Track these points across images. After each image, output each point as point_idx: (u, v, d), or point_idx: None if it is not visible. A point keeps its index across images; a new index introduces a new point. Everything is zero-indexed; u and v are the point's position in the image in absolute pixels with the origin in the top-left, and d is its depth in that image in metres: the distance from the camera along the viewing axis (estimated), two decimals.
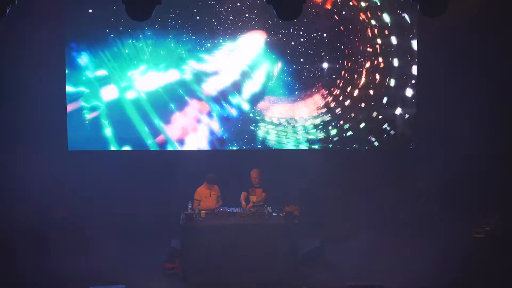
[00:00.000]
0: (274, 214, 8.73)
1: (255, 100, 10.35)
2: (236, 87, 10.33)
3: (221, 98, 10.32)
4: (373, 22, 10.14)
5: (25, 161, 9.44)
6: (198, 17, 10.02)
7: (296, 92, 10.32)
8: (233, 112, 10.35)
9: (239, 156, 10.24)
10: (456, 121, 9.91)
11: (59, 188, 9.81)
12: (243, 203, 8.93)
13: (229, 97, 10.32)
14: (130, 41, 9.98)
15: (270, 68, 10.27)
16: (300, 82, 10.28)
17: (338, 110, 10.37)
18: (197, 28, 10.05)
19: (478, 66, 9.70)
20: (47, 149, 9.76)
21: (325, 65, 10.26)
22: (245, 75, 10.29)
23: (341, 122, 10.38)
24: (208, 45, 10.12)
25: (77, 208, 9.80)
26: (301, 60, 10.22)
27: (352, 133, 10.38)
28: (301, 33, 10.13)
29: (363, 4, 10.07)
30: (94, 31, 9.92)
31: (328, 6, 10.05)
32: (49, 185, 9.72)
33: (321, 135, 10.39)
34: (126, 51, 10.02)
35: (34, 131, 9.80)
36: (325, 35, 10.17)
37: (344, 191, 9.99)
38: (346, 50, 10.21)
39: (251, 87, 10.34)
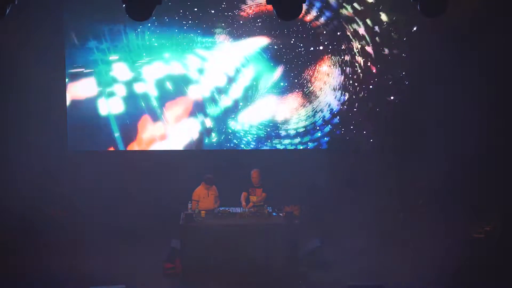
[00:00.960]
0: (274, 214, 8.74)
1: (249, 101, 10.39)
2: (232, 88, 10.37)
3: (217, 97, 10.35)
4: (369, 23, 10.22)
5: (25, 160, 9.46)
6: (205, 16, 10.12)
7: (290, 98, 10.38)
8: (227, 111, 10.41)
9: (239, 156, 10.24)
10: (456, 121, 9.91)
11: (59, 187, 9.82)
12: (243, 203, 8.93)
13: (224, 96, 10.37)
14: (138, 29, 10.04)
15: (267, 72, 10.32)
16: (294, 89, 10.38)
17: (334, 113, 10.44)
18: (202, 26, 10.13)
19: (478, 66, 9.69)
20: (47, 148, 9.77)
21: (322, 72, 10.33)
22: (242, 77, 10.35)
23: (339, 126, 10.46)
24: (212, 43, 10.20)
25: (77, 208, 9.80)
26: (299, 69, 10.32)
27: (349, 135, 10.45)
28: (301, 44, 10.25)
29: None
30: (99, 19, 9.98)
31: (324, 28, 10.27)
32: (48, 185, 9.73)
33: (314, 137, 10.48)
34: (133, 34, 10.08)
35: (34, 130, 9.80)
36: (321, 48, 10.26)
37: (344, 191, 9.98)
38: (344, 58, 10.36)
39: (246, 89, 10.39)
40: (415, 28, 10.12)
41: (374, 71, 10.34)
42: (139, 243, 9.47)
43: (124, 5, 6.43)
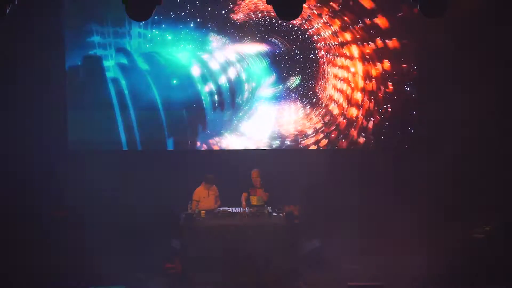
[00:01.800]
0: (274, 214, 8.74)
1: (245, 101, 10.42)
2: (229, 87, 10.38)
3: (215, 95, 10.37)
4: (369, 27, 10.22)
5: (25, 160, 9.46)
6: (209, 16, 10.11)
7: (286, 102, 10.40)
8: (223, 111, 10.40)
9: (239, 156, 10.24)
10: (456, 120, 9.91)
11: (59, 187, 9.82)
12: (244, 204, 8.94)
13: (221, 95, 10.38)
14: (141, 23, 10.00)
15: (265, 76, 10.34)
16: (292, 95, 10.39)
17: (333, 116, 10.47)
18: (207, 26, 10.13)
19: (478, 66, 9.69)
20: (47, 148, 9.77)
21: (321, 76, 10.37)
22: (239, 78, 10.36)
23: (335, 128, 10.48)
24: (213, 43, 10.21)
25: (77, 208, 9.80)
26: (298, 74, 10.34)
27: (349, 137, 10.47)
28: (301, 52, 10.28)
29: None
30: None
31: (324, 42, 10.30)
32: (48, 184, 9.73)
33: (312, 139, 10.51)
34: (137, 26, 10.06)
35: (34, 130, 9.79)
36: (321, 54, 10.28)
37: (344, 191, 9.98)
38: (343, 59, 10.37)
39: (243, 90, 10.39)
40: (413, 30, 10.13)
41: (372, 79, 10.37)
42: (139, 243, 9.46)
43: (124, 6, 6.45)
